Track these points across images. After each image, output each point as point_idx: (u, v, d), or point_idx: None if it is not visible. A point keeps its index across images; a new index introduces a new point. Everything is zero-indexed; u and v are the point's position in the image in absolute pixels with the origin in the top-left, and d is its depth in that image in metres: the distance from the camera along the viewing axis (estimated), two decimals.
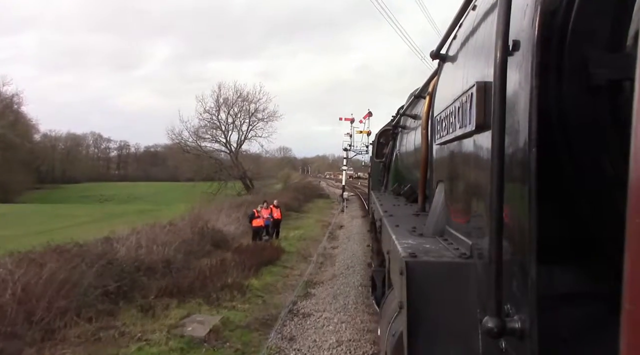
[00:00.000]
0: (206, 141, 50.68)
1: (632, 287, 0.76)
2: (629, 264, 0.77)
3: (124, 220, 24.43)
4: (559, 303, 1.66)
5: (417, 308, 2.22)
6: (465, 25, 2.88)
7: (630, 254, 0.77)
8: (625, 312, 0.76)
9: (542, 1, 1.49)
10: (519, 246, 1.62)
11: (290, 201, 33.80)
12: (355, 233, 22.65)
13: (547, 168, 1.53)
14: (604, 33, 1.56)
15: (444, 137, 2.98)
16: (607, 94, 1.54)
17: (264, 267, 14.11)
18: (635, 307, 0.75)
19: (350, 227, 25.82)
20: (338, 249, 18.74)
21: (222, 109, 50.65)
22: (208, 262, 13.57)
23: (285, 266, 14.95)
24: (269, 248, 16.56)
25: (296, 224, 26.21)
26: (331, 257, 16.85)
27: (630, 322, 0.75)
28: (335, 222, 27.91)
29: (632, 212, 0.77)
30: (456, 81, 2.74)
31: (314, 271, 14.35)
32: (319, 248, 18.63)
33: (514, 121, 1.64)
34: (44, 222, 31.45)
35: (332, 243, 20.27)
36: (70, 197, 65.54)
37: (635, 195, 0.78)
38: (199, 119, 49.52)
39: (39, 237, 13.39)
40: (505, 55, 1.58)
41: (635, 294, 0.75)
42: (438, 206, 3.25)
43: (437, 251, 2.58)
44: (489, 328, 1.55)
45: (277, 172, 69.61)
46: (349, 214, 32.08)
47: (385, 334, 3.31)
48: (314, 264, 15.26)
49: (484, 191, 2.01)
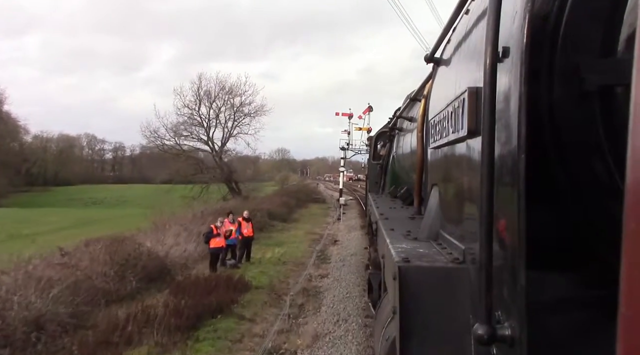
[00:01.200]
0: (186, 139, 44.27)
1: (629, 290, 0.75)
2: (625, 267, 0.76)
3: (93, 229, 23.13)
4: (549, 309, 1.65)
5: (410, 313, 2.21)
6: (458, 29, 2.88)
7: (626, 258, 0.77)
8: (621, 316, 0.76)
9: (531, 8, 1.49)
10: (508, 252, 1.62)
11: (277, 208, 29.94)
12: (352, 253, 16.79)
13: (537, 173, 1.53)
14: (595, 38, 1.56)
15: (438, 141, 2.98)
16: (599, 100, 1.54)
17: (208, 321, 9.07)
18: (631, 310, 0.75)
19: (346, 242, 19.88)
20: (328, 278, 13.27)
21: (204, 103, 44.11)
22: (124, 311, 8.76)
23: (242, 317, 9.60)
24: (229, 281, 11.51)
25: (280, 238, 21.28)
26: (317, 295, 11.60)
27: (627, 326, 0.75)
28: (328, 235, 22.35)
29: (628, 216, 0.77)
30: (449, 85, 2.74)
31: (285, 327, 9.07)
32: (302, 278, 13.25)
33: (503, 127, 1.63)
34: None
35: (321, 268, 14.69)
36: (59, 200, 61.96)
37: (631, 199, 0.78)
38: (178, 115, 43.16)
39: None
40: (495, 61, 1.58)
41: (631, 297, 0.75)
42: (432, 210, 3.25)
43: (431, 256, 2.58)
44: (479, 335, 1.54)
45: (275, 175, 68.84)
46: (346, 224, 26.70)
47: (379, 338, 3.30)
48: (289, 310, 9.91)
49: (476, 196, 2.01)
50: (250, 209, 19.47)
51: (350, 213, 32.58)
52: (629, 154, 0.78)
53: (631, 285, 0.75)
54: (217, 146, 44.48)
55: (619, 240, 0.78)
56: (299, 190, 48.33)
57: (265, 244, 18.69)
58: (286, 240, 20.94)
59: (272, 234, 22.58)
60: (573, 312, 1.65)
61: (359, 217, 28.83)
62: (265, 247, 17.81)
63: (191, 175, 42.76)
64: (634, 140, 0.77)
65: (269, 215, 26.50)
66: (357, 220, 27.68)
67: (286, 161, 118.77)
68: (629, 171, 0.78)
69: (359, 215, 29.13)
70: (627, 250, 0.77)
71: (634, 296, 0.74)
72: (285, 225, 26.91)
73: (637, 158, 0.77)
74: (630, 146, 0.78)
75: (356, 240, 19.58)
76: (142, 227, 18.94)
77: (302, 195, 44.56)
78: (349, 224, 26.42)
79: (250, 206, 23.86)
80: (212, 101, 44.14)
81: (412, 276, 2.27)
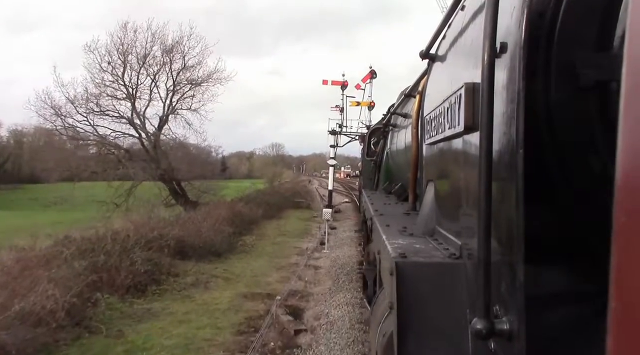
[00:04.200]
0: (101, 117, 27.81)
1: (618, 285, 0.76)
2: (615, 262, 0.77)
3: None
4: (547, 303, 1.67)
5: (407, 308, 2.22)
6: (454, 25, 2.88)
7: (616, 253, 0.78)
8: (611, 310, 0.77)
9: (529, 3, 1.49)
10: (506, 246, 1.63)
11: (221, 226, 16.47)
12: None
13: (534, 169, 1.53)
14: (591, 34, 1.56)
15: (434, 137, 2.99)
16: (596, 95, 1.55)
17: None
18: (621, 305, 0.76)
19: (332, 318, 8.23)
20: None
21: (130, 67, 27.80)
22: None
23: None
24: None
25: (172, 317, 8.35)
26: None
27: (617, 320, 0.76)
28: (292, 292, 10.05)
29: (617, 211, 0.78)
30: (445, 82, 2.74)
31: None
32: None
33: (501, 123, 1.64)
34: None
35: None
36: (20, 199, 51.13)
37: (621, 193, 0.79)
38: (92, 83, 27.24)
39: None
40: (492, 57, 1.58)
41: (621, 292, 0.76)
42: (428, 206, 3.26)
43: (427, 251, 2.59)
44: (477, 329, 1.55)
45: (268, 171, 64.84)
46: (336, 253, 14.50)
47: (376, 334, 3.32)
48: None
49: (473, 192, 2.01)
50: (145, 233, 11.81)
51: (343, 226, 20.87)
52: (618, 149, 0.79)
53: (620, 280, 0.76)
54: (154, 129, 28.96)
55: None
56: (275, 192, 36.38)
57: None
58: (188, 317, 8.43)
59: (167, 304, 9.14)
60: (572, 306, 1.66)
61: (354, 239, 16.46)
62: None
63: (103, 170, 28.47)
64: (624, 136, 0.79)
65: (177, 251, 12.76)
66: (351, 246, 15.53)
67: (281, 157, 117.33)
68: (618, 166, 0.79)
69: (356, 238, 16.04)
70: (616, 245, 0.78)
71: (624, 290, 0.76)
72: (226, 261, 13.74)
73: (627, 153, 0.78)
74: (620, 141, 0.79)
75: (348, 317, 8.24)
76: None
77: (279, 198, 32.83)
78: (340, 254, 14.20)
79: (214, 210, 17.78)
80: (140, 63, 27.89)
81: (409, 271, 2.28)
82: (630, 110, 0.78)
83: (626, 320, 0.74)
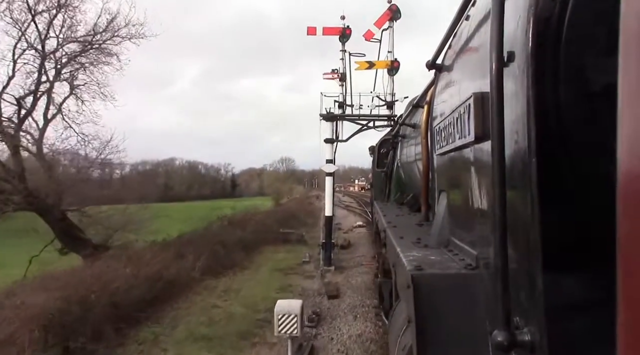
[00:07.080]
0: None
1: (625, 290, 0.75)
2: (621, 267, 0.76)
3: None
4: (569, 312, 1.63)
5: (426, 321, 2.19)
6: (459, 35, 2.89)
7: (622, 258, 0.76)
8: (620, 319, 0.75)
9: (535, 11, 1.49)
10: (524, 255, 1.60)
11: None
12: None
13: (548, 176, 1.52)
14: (598, 38, 1.55)
15: (444, 147, 2.98)
16: (605, 99, 1.53)
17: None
18: (628, 310, 0.74)
19: None
20: None
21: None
22: None
23: None
24: None
25: None
26: None
27: (625, 325, 0.74)
28: None
29: (621, 216, 0.77)
30: (453, 91, 2.74)
31: None
32: None
33: (512, 131, 1.63)
34: None
35: None
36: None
37: (623, 198, 0.78)
38: None
39: None
40: (500, 66, 1.58)
41: (627, 297, 0.74)
42: (441, 216, 3.23)
43: (443, 263, 2.56)
44: (498, 342, 1.52)
45: (279, 187, 60.89)
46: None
47: (395, 348, 3.27)
48: None
49: (487, 201, 2.00)
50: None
51: (351, 288, 11.96)
52: (619, 153, 0.78)
53: (627, 285, 0.74)
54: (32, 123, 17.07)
55: None
56: (251, 219, 24.72)
57: None
58: None
59: None
60: (594, 315, 1.62)
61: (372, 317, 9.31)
62: None
63: None
64: (623, 139, 0.77)
65: None
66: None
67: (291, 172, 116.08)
68: (619, 169, 0.77)
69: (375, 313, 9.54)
70: (621, 250, 0.76)
71: (630, 295, 0.74)
72: None
73: (628, 156, 0.77)
74: (620, 144, 0.78)
75: None
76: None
77: (254, 229, 21.35)
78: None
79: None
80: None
81: (426, 284, 2.25)
82: (630, 111, 0.77)
83: (635, 330, 0.72)
